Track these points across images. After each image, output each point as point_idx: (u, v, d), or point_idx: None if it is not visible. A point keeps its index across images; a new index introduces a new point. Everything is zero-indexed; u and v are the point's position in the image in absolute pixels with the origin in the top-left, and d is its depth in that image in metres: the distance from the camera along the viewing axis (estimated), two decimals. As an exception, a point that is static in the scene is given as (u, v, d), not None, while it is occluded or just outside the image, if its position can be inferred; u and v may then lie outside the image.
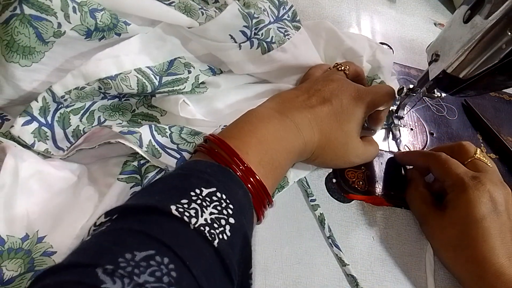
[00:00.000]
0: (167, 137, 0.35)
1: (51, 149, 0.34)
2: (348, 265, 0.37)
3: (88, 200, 0.33)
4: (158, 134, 0.34)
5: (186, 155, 0.35)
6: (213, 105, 0.42)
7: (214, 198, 0.25)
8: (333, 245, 0.38)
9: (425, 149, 0.49)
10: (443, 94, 0.46)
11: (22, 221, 0.30)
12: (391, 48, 0.57)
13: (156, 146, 0.33)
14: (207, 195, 0.24)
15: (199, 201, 0.24)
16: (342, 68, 0.43)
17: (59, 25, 0.31)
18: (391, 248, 0.40)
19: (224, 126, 0.39)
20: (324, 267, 0.37)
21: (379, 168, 0.45)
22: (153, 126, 0.35)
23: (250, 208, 0.28)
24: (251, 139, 0.31)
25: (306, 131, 0.35)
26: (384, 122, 0.49)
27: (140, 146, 0.33)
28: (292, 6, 0.46)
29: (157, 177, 0.34)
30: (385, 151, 0.47)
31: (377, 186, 0.43)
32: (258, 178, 0.29)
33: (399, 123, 0.49)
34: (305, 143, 0.34)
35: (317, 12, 0.59)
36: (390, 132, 0.49)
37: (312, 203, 0.40)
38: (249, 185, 0.28)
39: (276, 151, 0.32)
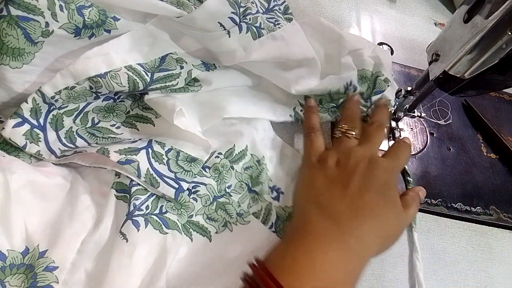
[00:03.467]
0: (164, 164, 0.35)
1: (43, 151, 0.34)
2: None
3: (86, 210, 0.33)
4: (156, 161, 0.35)
5: (184, 185, 0.35)
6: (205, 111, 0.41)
7: None
8: None
9: (424, 149, 0.49)
10: (423, 114, 0.48)
11: (21, 234, 0.30)
12: (391, 48, 0.57)
13: (154, 175, 0.34)
14: None
15: None
16: (352, 134, 0.39)
17: (47, 24, 0.31)
18: (391, 248, 0.40)
19: (218, 153, 0.39)
20: (324, 267, 0.37)
21: (379, 168, 0.45)
22: (150, 151, 0.35)
23: None
24: (309, 276, 0.27)
25: (369, 240, 0.31)
26: None
27: (138, 176, 0.33)
28: (284, 1, 0.46)
29: (147, 202, 0.34)
30: (385, 151, 0.47)
31: (377, 186, 0.43)
32: None
33: (397, 126, 0.49)
34: (370, 255, 0.31)
35: (317, 12, 0.59)
36: (391, 132, 0.49)
37: None
38: None
39: (339, 285, 0.28)
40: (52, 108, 0.35)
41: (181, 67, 0.40)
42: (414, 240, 0.41)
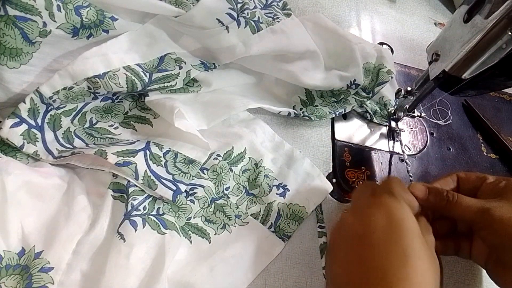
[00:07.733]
0: (162, 166, 0.35)
1: (40, 151, 0.34)
2: None
3: (82, 211, 0.33)
4: (153, 163, 0.35)
5: (182, 187, 0.35)
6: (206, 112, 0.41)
7: None
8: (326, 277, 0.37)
9: (424, 149, 0.49)
10: (423, 114, 0.47)
11: (18, 235, 0.30)
12: (391, 48, 0.57)
13: (152, 177, 0.34)
14: None
15: None
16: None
17: (45, 24, 0.31)
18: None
19: (217, 155, 0.39)
20: (324, 267, 0.37)
21: (379, 168, 0.45)
22: (147, 153, 0.35)
23: None
24: None
25: None
26: (385, 120, 0.49)
27: (136, 178, 0.33)
28: None
29: (145, 203, 0.34)
30: (385, 151, 0.47)
31: (377, 186, 0.43)
32: None
33: (397, 126, 0.48)
34: None
35: (317, 12, 0.59)
36: (391, 132, 0.49)
37: (319, 230, 0.39)
38: None
39: None
40: (50, 108, 0.35)
41: (180, 67, 0.39)
42: None
